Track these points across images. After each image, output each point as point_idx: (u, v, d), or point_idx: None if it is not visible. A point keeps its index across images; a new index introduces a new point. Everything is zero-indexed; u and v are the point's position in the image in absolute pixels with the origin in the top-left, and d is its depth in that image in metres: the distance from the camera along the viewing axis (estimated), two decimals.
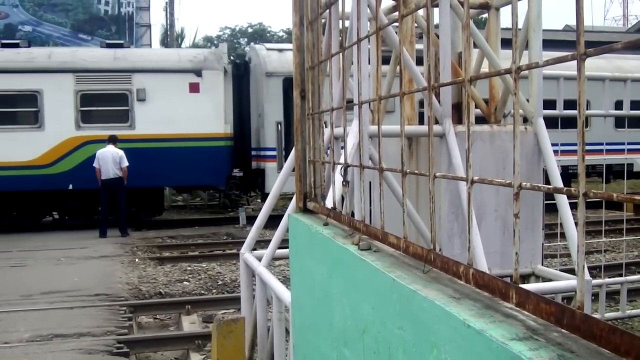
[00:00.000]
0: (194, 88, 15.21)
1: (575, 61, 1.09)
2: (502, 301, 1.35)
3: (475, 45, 4.59)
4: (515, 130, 1.30)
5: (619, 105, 6.36)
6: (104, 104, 15.16)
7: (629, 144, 14.59)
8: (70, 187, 14.84)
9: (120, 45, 16.44)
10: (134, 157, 14.15)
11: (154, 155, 15.01)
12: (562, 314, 1.16)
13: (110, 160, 13.60)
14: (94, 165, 13.64)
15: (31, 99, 14.78)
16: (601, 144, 11.25)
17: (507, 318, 1.28)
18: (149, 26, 32.65)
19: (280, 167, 14.04)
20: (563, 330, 1.16)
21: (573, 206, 3.27)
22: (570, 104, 5.92)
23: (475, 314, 1.31)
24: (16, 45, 15.66)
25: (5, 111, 14.77)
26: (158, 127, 15.07)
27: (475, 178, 1.45)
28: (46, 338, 6.81)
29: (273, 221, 6.13)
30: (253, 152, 16.68)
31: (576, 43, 1.09)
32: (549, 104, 4.98)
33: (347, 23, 4.39)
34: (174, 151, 15.12)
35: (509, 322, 1.26)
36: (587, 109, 6.18)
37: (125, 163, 13.73)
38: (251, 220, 11.23)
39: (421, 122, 5.28)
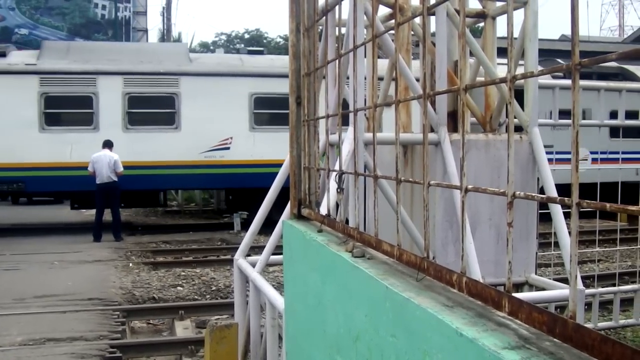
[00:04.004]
0: None
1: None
2: (495, 310, 1.35)
3: (471, 54, 4.60)
4: (510, 139, 1.30)
5: (614, 115, 6.39)
6: None
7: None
8: None
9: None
10: None
11: None
12: (554, 324, 1.16)
13: (105, 165, 13.56)
14: (89, 169, 13.58)
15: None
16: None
17: (499, 327, 1.28)
18: (145, 31, 32.70)
19: None
20: (555, 339, 1.16)
21: (567, 215, 3.28)
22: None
23: (467, 322, 1.31)
24: (261, 53, 17.15)
25: (272, 112, 15.90)
26: None
27: (469, 186, 1.45)
28: (39, 342, 6.78)
29: (267, 227, 6.12)
30: None
31: (571, 53, 1.10)
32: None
33: (343, 30, 4.41)
34: None
35: (502, 330, 1.26)
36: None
37: (120, 168, 13.66)
38: (246, 226, 11.22)
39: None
